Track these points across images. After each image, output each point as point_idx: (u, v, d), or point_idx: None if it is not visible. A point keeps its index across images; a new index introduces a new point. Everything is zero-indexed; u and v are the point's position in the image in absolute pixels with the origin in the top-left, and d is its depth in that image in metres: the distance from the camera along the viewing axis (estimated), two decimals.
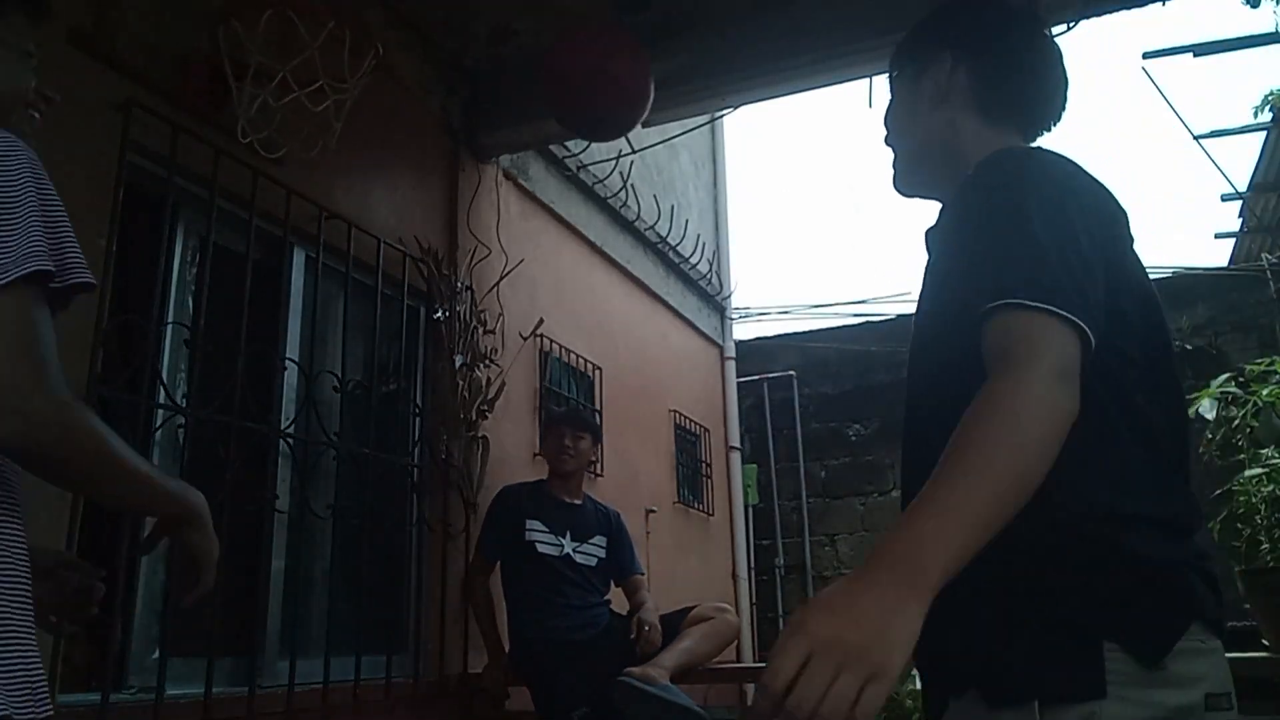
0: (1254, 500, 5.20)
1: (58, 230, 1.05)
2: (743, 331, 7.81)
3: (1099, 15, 3.55)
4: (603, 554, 3.48)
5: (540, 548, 3.34)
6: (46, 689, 1.04)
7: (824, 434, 7.67)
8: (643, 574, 3.69)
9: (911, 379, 1.24)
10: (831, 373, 7.76)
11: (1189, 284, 6.99)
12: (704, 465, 6.69)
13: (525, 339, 4.46)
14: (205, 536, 1.29)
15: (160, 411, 2.65)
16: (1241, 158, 19.51)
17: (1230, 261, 7.02)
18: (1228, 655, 1.03)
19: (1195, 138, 5.71)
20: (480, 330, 3.96)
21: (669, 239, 6.21)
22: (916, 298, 1.23)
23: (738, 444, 7.22)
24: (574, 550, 3.40)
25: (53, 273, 1.02)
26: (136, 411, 2.51)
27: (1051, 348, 0.93)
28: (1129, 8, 3.54)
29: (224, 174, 2.84)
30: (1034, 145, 1.27)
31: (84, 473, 1.11)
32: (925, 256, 1.27)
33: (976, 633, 1.01)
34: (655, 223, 6.02)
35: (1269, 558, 4.94)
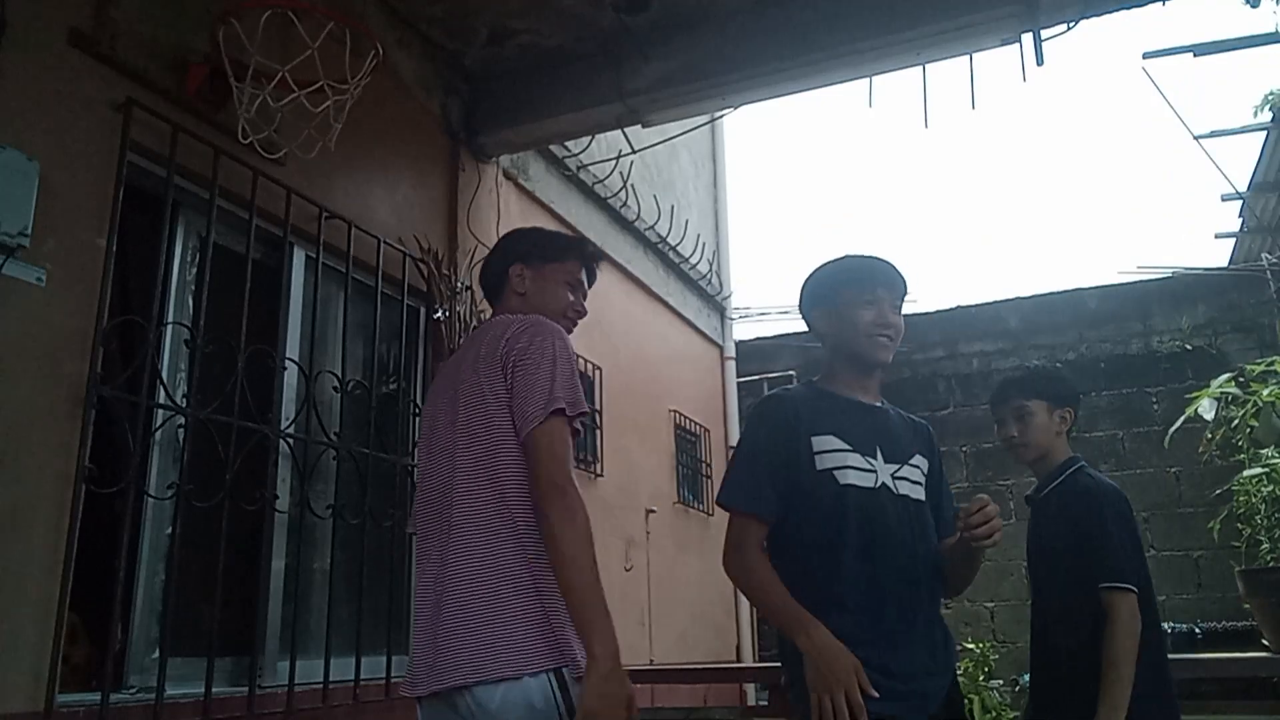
0: (1254, 500, 5.21)
1: (570, 381, 1.70)
2: (743, 331, 7.82)
3: (1099, 15, 3.56)
4: (924, 487, 2.01)
5: (844, 477, 1.89)
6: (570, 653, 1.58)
7: None
8: None
9: None
10: None
11: (1189, 284, 7.00)
12: (704, 465, 6.69)
13: None
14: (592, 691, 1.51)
15: (160, 411, 2.65)
16: (1241, 158, 19.50)
17: (1230, 262, 7.01)
18: (1226, 655, 1.00)
19: (1195, 138, 5.70)
20: None
21: (669, 239, 6.21)
22: None
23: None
24: (892, 478, 1.94)
25: (566, 410, 1.67)
26: (136, 411, 2.51)
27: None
28: (1129, 7, 3.55)
29: (224, 174, 2.84)
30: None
31: (569, 550, 1.58)
32: None
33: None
34: (655, 223, 6.02)
35: (1269, 557, 4.95)
